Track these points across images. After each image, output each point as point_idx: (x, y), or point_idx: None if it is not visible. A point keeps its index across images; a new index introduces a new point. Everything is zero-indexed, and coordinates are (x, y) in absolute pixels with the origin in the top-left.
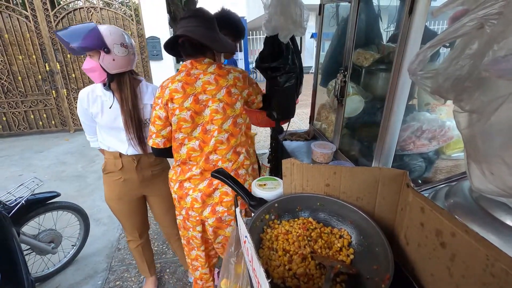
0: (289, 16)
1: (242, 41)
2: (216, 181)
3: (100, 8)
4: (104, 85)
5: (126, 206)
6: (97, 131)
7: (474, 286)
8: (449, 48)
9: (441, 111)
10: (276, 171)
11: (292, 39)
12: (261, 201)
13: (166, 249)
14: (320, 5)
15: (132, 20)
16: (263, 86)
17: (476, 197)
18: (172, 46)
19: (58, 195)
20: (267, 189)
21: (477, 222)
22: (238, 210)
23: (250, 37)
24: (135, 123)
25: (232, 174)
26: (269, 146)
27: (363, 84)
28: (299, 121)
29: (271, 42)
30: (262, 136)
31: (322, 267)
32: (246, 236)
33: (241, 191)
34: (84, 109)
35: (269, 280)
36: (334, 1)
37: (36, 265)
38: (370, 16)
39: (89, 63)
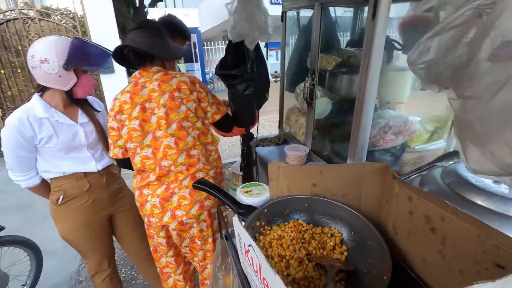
0: (254, 22)
1: (198, 52)
2: (173, 185)
3: (38, 19)
4: (76, 100)
5: (95, 231)
6: (39, 161)
7: (467, 265)
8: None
9: (400, 109)
10: (249, 179)
11: (257, 47)
12: (249, 208)
13: (135, 274)
14: (282, 12)
15: (77, 31)
16: (223, 96)
17: (448, 183)
18: (122, 58)
19: (1, 229)
20: (253, 196)
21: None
22: (235, 219)
23: (205, 47)
24: (103, 131)
25: (188, 179)
26: (240, 154)
27: (328, 86)
28: (262, 129)
29: (234, 49)
30: (227, 145)
31: (320, 268)
32: (250, 245)
33: (228, 200)
34: (27, 138)
35: None
36: (295, 8)
37: None
38: (329, 23)
39: (92, 80)
